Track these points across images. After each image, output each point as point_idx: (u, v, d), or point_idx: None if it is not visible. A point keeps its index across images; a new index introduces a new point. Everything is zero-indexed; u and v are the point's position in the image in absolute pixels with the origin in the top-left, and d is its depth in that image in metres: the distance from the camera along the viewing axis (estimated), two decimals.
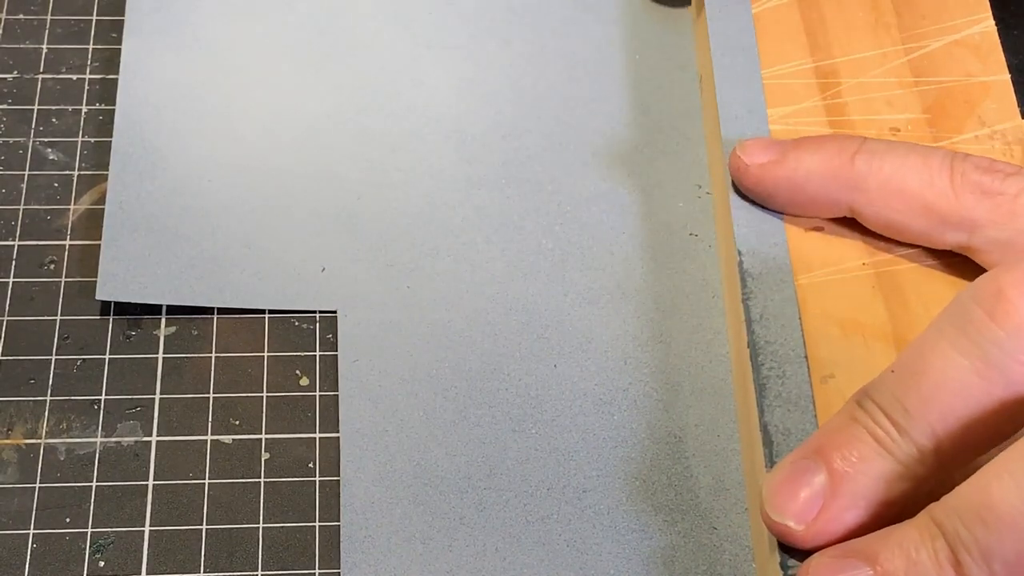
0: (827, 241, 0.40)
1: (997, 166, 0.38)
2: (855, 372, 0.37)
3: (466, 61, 0.48)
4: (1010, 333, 0.30)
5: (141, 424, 0.40)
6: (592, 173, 0.45)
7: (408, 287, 0.42)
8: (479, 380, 0.40)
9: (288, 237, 0.43)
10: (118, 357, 0.41)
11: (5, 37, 0.48)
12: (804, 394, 0.37)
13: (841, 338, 0.38)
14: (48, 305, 0.42)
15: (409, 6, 0.49)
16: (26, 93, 0.47)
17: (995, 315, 0.30)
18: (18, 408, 0.40)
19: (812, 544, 0.32)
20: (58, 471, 0.38)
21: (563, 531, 0.38)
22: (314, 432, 0.40)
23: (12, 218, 0.43)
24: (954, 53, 0.45)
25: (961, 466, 0.31)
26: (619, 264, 0.43)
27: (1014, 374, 0.30)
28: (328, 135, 0.45)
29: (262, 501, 0.38)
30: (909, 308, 0.39)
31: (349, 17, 0.49)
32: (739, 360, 0.40)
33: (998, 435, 0.31)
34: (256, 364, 0.41)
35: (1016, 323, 0.30)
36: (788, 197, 0.40)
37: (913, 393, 0.31)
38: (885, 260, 0.40)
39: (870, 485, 0.32)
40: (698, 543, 0.38)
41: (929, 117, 0.44)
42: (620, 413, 0.40)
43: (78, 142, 0.45)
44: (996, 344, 0.30)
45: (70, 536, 0.37)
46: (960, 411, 0.31)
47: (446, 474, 0.39)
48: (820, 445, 0.33)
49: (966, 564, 0.28)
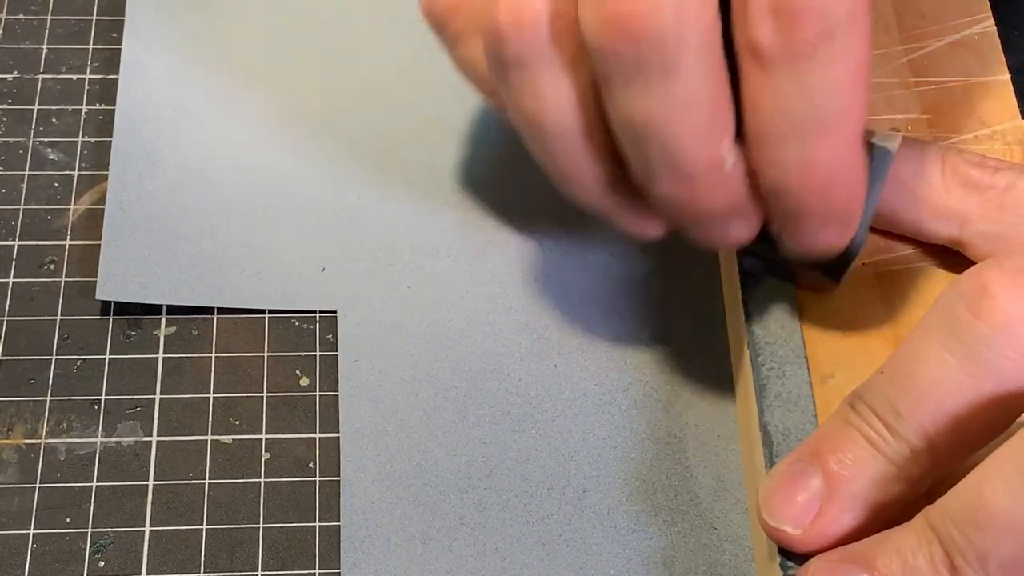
0: None
1: (987, 161, 0.38)
2: (855, 372, 0.37)
3: None
4: (996, 330, 0.30)
5: (141, 424, 0.40)
6: None
7: (408, 287, 0.42)
8: (479, 380, 0.41)
9: (288, 237, 0.43)
10: (118, 357, 0.41)
11: (5, 37, 0.48)
12: (804, 394, 0.37)
13: (841, 338, 0.38)
14: (48, 305, 0.42)
15: (409, 6, 0.49)
16: (26, 93, 0.47)
17: (980, 313, 0.30)
18: (18, 408, 0.40)
19: (810, 548, 0.32)
20: (58, 471, 0.39)
21: (563, 531, 0.38)
22: (314, 432, 0.40)
23: (12, 218, 0.43)
24: (954, 53, 0.45)
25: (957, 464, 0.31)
26: (619, 264, 0.43)
27: (1003, 370, 0.30)
28: (328, 135, 0.46)
29: (262, 501, 0.38)
30: (909, 308, 0.39)
31: (349, 17, 0.49)
32: (739, 360, 0.40)
33: (991, 432, 0.31)
34: (256, 364, 0.41)
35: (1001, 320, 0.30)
36: None
37: (904, 394, 0.31)
38: (885, 260, 0.40)
39: (866, 487, 0.32)
40: (698, 543, 0.38)
41: (929, 117, 0.44)
42: (620, 413, 0.40)
43: (78, 142, 0.45)
44: (983, 342, 0.30)
45: (70, 536, 0.37)
46: (951, 410, 0.31)
47: (446, 474, 0.39)
48: (815, 449, 0.33)
49: (962, 568, 0.28)
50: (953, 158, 0.38)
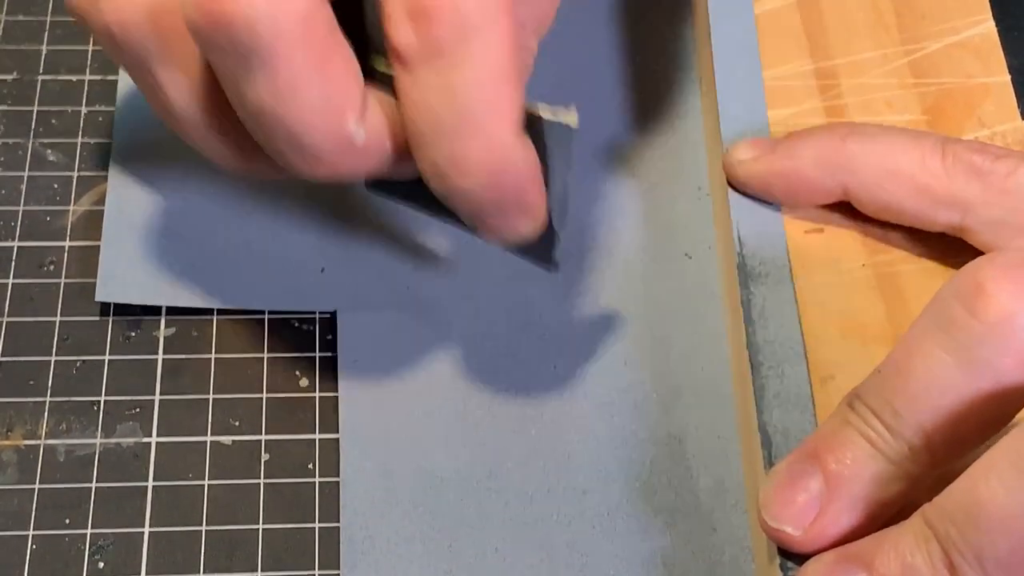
0: (827, 242, 0.41)
1: (989, 148, 0.38)
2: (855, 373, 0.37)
3: None
4: (991, 328, 0.30)
5: (141, 425, 0.40)
6: (592, 173, 0.45)
7: (408, 287, 0.42)
8: (479, 380, 0.40)
9: (288, 237, 0.43)
10: (118, 358, 0.41)
11: (5, 38, 0.48)
12: (803, 394, 0.37)
13: (841, 339, 0.38)
14: (48, 306, 0.42)
15: None
16: (26, 94, 0.46)
17: (975, 311, 0.30)
18: (18, 409, 0.40)
19: (811, 548, 0.32)
20: (58, 472, 0.38)
21: (563, 532, 0.38)
22: (314, 433, 0.40)
23: (12, 219, 0.43)
24: (954, 54, 0.45)
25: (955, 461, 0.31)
26: (619, 264, 0.43)
27: (999, 367, 0.30)
28: None
29: (262, 502, 0.38)
30: (909, 309, 0.39)
31: None
32: (738, 360, 0.40)
33: (988, 429, 0.31)
34: (256, 365, 0.41)
35: (996, 318, 0.30)
36: (783, 186, 0.40)
37: (901, 393, 0.31)
38: (885, 261, 0.40)
39: (865, 487, 0.32)
40: (698, 545, 0.38)
41: (929, 118, 0.44)
42: (620, 414, 0.40)
43: (78, 143, 0.45)
44: (978, 340, 0.30)
45: (70, 537, 0.37)
46: (949, 408, 0.31)
47: (446, 474, 0.39)
48: (815, 449, 0.33)
49: (959, 566, 0.28)
50: (954, 145, 0.38)
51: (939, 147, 0.38)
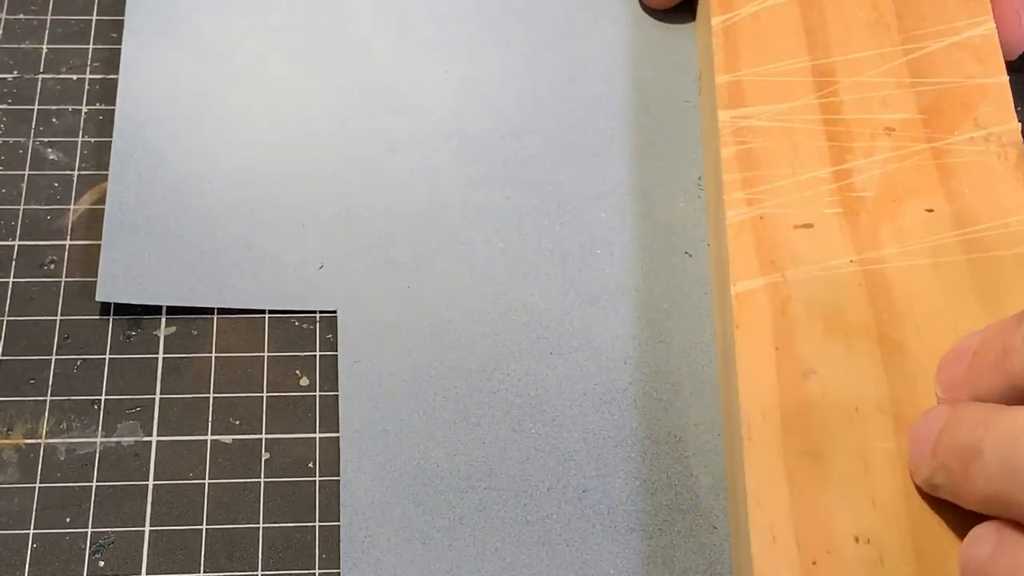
0: (815, 237, 0.40)
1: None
2: (837, 368, 0.37)
3: (466, 61, 0.48)
4: None
5: (141, 424, 0.40)
6: (592, 173, 0.45)
7: (408, 287, 0.42)
8: (479, 380, 0.41)
9: (288, 237, 0.43)
10: (118, 357, 0.41)
11: (5, 37, 0.48)
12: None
13: (824, 334, 0.38)
14: (48, 305, 0.42)
15: (409, 6, 0.49)
16: (26, 93, 0.47)
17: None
18: (18, 408, 0.40)
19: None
20: (58, 471, 0.39)
21: (563, 531, 0.38)
22: (314, 432, 0.40)
23: (12, 218, 0.43)
24: (953, 55, 0.45)
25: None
26: (619, 264, 0.43)
27: None
28: (328, 135, 0.46)
29: (262, 501, 0.38)
30: (895, 307, 0.39)
31: (349, 17, 0.49)
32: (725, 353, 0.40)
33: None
34: (256, 364, 0.41)
35: None
36: None
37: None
38: (873, 258, 0.40)
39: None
40: (698, 543, 0.38)
41: (924, 117, 0.44)
42: (620, 413, 0.40)
43: (78, 142, 0.45)
44: None
45: (70, 536, 0.37)
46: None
47: (446, 474, 0.39)
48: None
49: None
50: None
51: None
